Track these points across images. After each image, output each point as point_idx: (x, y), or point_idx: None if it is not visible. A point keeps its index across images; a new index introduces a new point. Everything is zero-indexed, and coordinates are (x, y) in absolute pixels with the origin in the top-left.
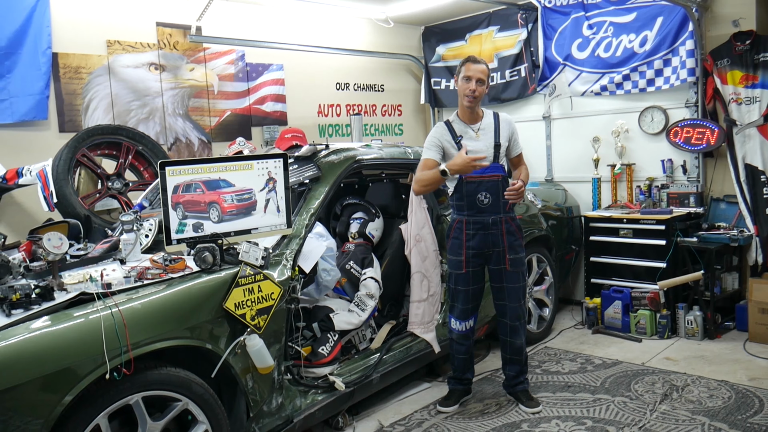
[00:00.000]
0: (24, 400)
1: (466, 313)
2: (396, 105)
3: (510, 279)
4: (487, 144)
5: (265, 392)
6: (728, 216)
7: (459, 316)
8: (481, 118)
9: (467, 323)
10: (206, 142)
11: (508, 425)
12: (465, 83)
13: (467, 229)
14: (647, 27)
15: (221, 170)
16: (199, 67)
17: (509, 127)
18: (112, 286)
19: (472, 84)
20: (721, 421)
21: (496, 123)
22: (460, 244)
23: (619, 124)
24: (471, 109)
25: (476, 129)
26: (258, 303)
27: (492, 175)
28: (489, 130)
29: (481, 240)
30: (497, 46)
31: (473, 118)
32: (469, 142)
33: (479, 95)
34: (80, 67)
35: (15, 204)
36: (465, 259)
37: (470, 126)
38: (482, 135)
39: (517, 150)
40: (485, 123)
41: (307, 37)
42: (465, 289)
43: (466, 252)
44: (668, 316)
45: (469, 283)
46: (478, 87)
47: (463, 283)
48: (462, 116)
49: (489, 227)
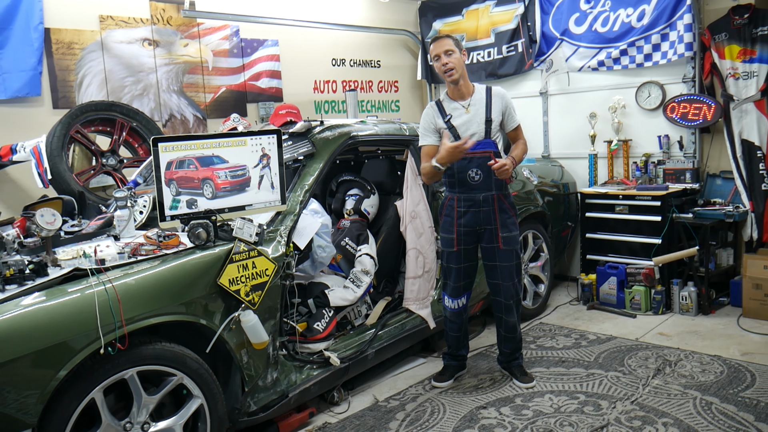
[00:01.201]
0: (19, 374)
1: (458, 291)
2: (392, 81)
3: (503, 257)
4: (478, 119)
5: (260, 367)
6: (724, 192)
7: (451, 293)
8: (472, 94)
9: (459, 300)
10: (201, 118)
11: (502, 399)
12: (437, 62)
13: (459, 206)
14: (645, 1)
15: (214, 146)
16: (193, 42)
17: (502, 101)
18: (105, 262)
19: (443, 59)
20: (712, 395)
21: (488, 97)
22: (452, 222)
23: (616, 100)
24: (456, 84)
25: (466, 105)
26: (252, 279)
27: (483, 152)
28: (480, 104)
29: (473, 217)
30: (494, 21)
31: (462, 93)
32: (460, 119)
33: (455, 65)
34: (73, 43)
35: (9, 180)
36: (456, 237)
37: (460, 102)
38: (472, 110)
39: (512, 124)
40: (476, 98)
41: (303, 12)
42: (457, 267)
43: (458, 230)
44: (663, 292)
45: (461, 261)
46: (450, 59)
47: (455, 261)
48: (451, 94)
49: (480, 204)
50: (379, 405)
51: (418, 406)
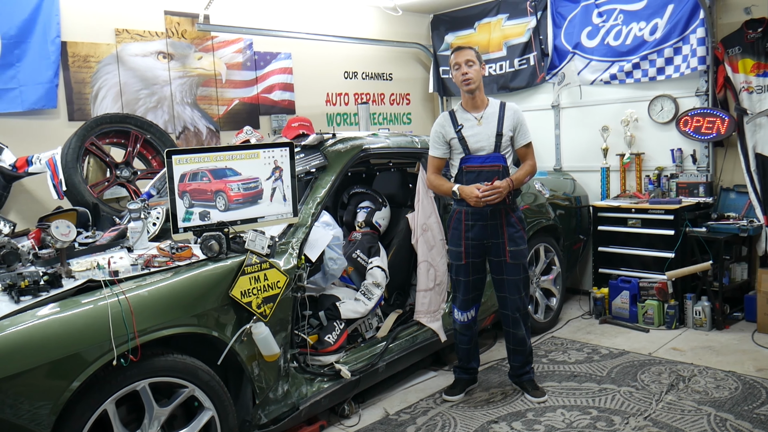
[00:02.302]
0: (32, 385)
1: (467, 304)
2: (404, 94)
3: (510, 271)
4: (488, 133)
5: (271, 379)
6: (738, 206)
7: (460, 306)
8: (486, 107)
9: (468, 313)
10: (214, 130)
11: (513, 414)
12: (456, 71)
13: (466, 219)
14: (658, 15)
15: (228, 159)
16: (207, 55)
17: (514, 117)
18: (119, 274)
19: (463, 68)
20: (727, 412)
21: (501, 112)
22: (460, 235)
23: (629, 113)
24: (472, 95)
25: (479, 117)
26: (264, 291)
27: (492, 165)
28: (492, 118)
29: (481, 231)
30: (506, 35)
31: (476, 105)
32: (471, 130)
33: (474, 77)
34: (89, 56)
35: (25, 192)
36: (465, 250)
37: (473, 114)
38: (484, 123)
39: (522, 141)
40: (489, 112)
41: (315, 25)
42: (465, 280)
43: (466, 243)
44: (676, 306)
45: (470, 274)
46: (469, 69)
47: (463, 274)
48: (465, 105)
49: (488, 218)
50: (389, 418)
51: (429, 420)
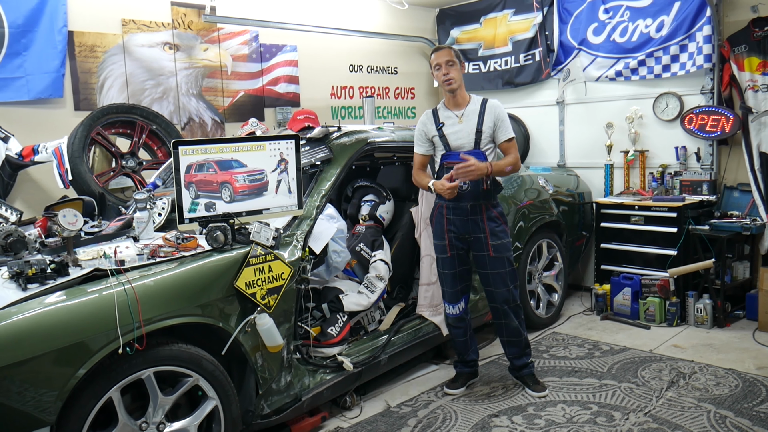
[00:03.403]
0: (39, 372)
1: (456, 296)
2: (409, 88)
3: (494, 265)
4: (468, 130)
5: (275, 370)
6: (741, 204)
7: (450, 299)
8: (467, 104)
9: (458, 306)
10: (219, 122)
11: (514, 408)
12: (437, 71)
13: (448, 213)
14: (664, 12)
15: (234, 150)
16: (213, 47)
17: (494, 113)
18: (125, 263)
19: (443, 69)
20: (727, 409)
21: (482, 109)
22: (442, 228)
23: (634, 110)
24: (453, 94)
25: (460, 115)
26: (268, 282)
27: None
28: (473, 116)
29: (462, 225)
30: (512, 30)
31: (457, 103)
32: (452, 128)
33: (455, 77)
34: (95, 46)
35: (31, 181)
36: (448, 242)
37: (454, 111)
38: (465, 120)
39: (502, 136)
40: (470, 109)
41: (321, 18)
42: (452, 272)
43: (449, 235)
44: (678, 303)
45: (455, 266)
46: (450, 69)
47: (449, 267)
48: (447, 103)
49: (468, 213)
50: (391, 411)
51: (430, 413)
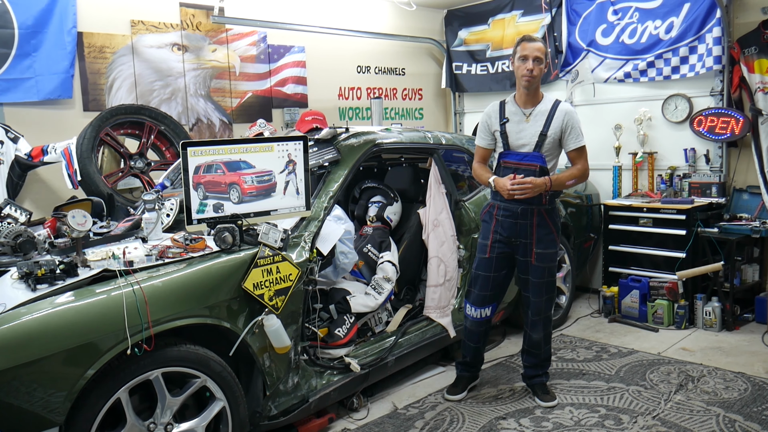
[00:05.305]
0: (48, 372)
1: (484, 300)
2: (417, 89)
3: (535, 273)
4: (533, 131)
5: (282, 372)
6: (751, 207)
7: (474, 301)
8: (538, 103)
9: (483, 310)
10: (227, 123)
11: (522, 411)
12: (521, 63)
13: (498, 214)
14: (673, 13)
15: (242, 151)
16: (222, 48)
17: (564, 118)
18: (134, 264)
19: (529, 63)
20: (736, 413)
21: (552, 111)
22: (489, 228)
23: (642, 112)
24: (527, 91)
25: (528, 113)
26: (276, 284)
27: (529, 164)
28: (541, 116)
29: (511, 228)
30: (520, 31)
31: (528, 101)
32: (516, 126)
33: (537, 75)
34: (104, 47)
35: (40, 181)
36: (491, 244)
37: (523, 109)
38: (532, 120)
39: (572, 144)
40: (539, 109)
41: (329, 19)
42: (486, 275)
43: (494, 236)
44: (686, 306)
45: (491, 269)
46: (536, 66)
47: (484, 269)
48: (518, 99)
49: (518, 216)
50: (398, 412)
51: (437, 415)
